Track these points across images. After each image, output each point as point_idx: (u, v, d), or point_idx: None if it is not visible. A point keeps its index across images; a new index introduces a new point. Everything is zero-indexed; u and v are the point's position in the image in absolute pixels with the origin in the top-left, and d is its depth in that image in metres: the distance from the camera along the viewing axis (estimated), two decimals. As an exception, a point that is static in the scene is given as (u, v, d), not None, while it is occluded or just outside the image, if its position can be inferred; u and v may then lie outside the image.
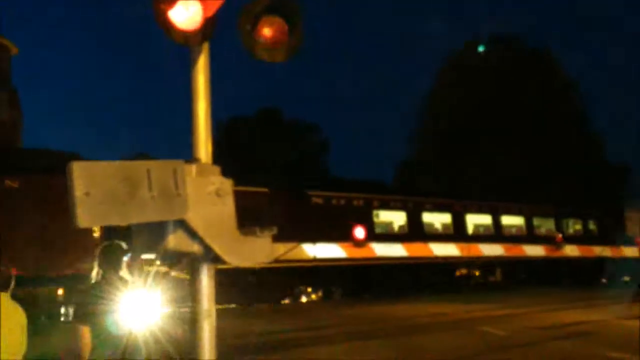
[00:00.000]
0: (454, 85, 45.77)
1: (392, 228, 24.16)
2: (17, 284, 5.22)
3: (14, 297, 4.95)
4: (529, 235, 27.81)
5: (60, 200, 3.17)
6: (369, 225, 22.39)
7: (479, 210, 26.94)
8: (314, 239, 20.64)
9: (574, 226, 30.80)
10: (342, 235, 21.36)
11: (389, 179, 51.29)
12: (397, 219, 24.32)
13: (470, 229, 26.30)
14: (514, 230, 27.88)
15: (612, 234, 30.18)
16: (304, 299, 22.01)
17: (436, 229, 25.45)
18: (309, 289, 22.38)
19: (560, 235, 28.03)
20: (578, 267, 28.33)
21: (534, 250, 27.17)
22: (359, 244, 21.61)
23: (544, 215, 29.23)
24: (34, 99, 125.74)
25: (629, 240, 29.45)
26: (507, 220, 27.75)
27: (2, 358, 4.63)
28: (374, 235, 22.33)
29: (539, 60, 45.80)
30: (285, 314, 17.91)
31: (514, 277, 27.24)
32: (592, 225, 30.91)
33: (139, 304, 4.90)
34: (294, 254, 19.68)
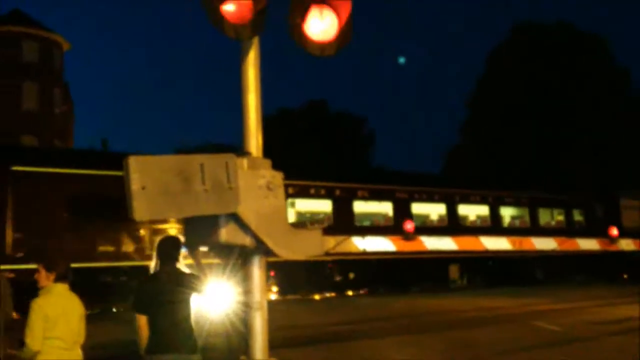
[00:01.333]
0: (507, 71, 45.04)
1: (430, 221, 23.88)
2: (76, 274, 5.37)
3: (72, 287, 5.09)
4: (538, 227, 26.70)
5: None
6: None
7: (515, 202, 26.31)
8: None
9: (554, 217, 28.07)
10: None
11: (436, 169, 51.09)
12: (434, 211, 24.03)
13: (506, 222, 25.89)
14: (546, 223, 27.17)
15: (604, 226, 27.71)
16: (350, 292, 21.99)
17: (473, 221, 25.07)
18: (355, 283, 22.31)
19: (615, 229, 27.08)
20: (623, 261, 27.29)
21: (588, 244, 26.51)
22: (408, 236, 21.48)
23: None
24: (85, 92, 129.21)
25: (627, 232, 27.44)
26: (543, 212, 27.03)
27: (61, 347, 4.78)
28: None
29: (592, 46, 44.68)
30: (332, 307, 17.94)
31: (562, 271, 26.53)
32: (578, 216, 28.17)
33: (213, 294, 5.03)
34: (343, 247, 19.70)
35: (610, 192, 29.46)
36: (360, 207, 21.67)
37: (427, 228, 22.75)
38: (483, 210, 25.11)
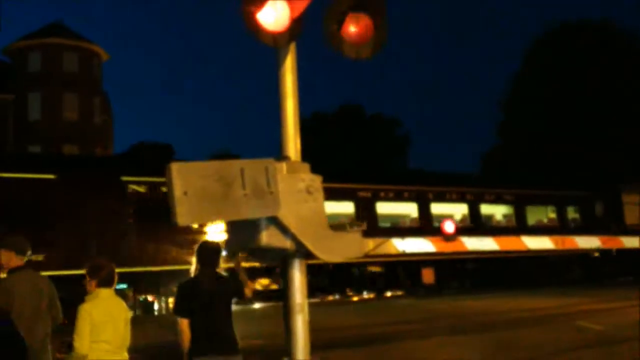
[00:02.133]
0: (543, 70, 44.39)
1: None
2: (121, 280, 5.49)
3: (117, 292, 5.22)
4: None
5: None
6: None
7: (542, 201, 25.50)
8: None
9: (547, 214, 26.16)
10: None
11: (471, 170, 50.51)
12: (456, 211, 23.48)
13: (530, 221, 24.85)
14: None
15: (605, 223, 25.78)
16: (388, 294, 21.89)
17: (497, 221, 24.36)
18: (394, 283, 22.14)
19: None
20: None
21: (631, 242, 25.78)
22: (448, 237, 21.28)
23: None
24: (123, 102, 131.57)
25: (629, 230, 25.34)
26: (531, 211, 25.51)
27: (108, 350, 4.90)
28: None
29: (631, 44, 43.77)
30: (372, 308, 17.92)
31: (600, 270, 25.79)
32: (573, 213, 26.39)
33: (252, 297, 5.12)
34: (382, 249, 19.60)
35: (612, 187, 27.19)
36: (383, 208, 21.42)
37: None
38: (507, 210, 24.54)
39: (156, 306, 17.84)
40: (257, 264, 12.85)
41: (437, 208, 22.81)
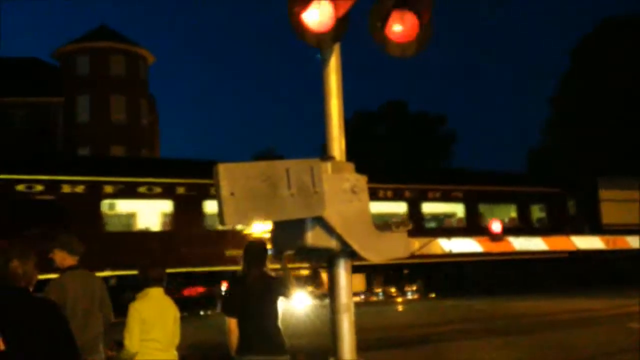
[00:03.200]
0: (590, 67, 43.43)
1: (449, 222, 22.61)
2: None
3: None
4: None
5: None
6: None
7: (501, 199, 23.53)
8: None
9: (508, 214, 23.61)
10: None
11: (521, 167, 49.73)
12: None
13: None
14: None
15: (578, 223, 23.23)
16: (432, 295, 21.67)
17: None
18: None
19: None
20: None
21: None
22: (495, 237, 20.98)
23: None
24: (169, 104, 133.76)
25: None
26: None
27: (157, 348, 4.98)
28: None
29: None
30: (416, 309, 17.80)
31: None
32: (538, 212, 23.91)
33: (300, 297, 5.18)
34: (428, 249, 19.45)
35: (588, 182, 24.45)
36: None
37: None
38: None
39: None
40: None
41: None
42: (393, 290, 21.04)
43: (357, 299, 19.31)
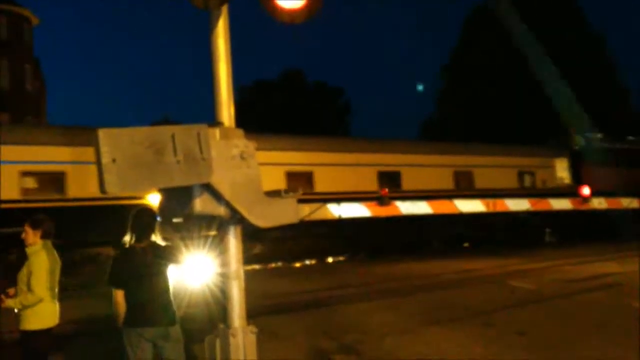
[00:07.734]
0: (479, 39, 45.09)
1: None
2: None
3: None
4: None
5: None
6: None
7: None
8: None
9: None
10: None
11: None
12: None
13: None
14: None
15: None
16: (330, 259, 22.07)
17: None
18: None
19: (586, 188, 25.42)
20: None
21: (561, 204, 26.34)
22: (382, 201, 21.37)
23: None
24: (56, 68, 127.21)
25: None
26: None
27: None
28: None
29: (566, 11, 44.85)
30: (312, 274, 18.08)
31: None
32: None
33: (193, 266, 5.12)
34: (318, 214, 19.62)
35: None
36: None
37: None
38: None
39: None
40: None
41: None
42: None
43: (255, 266, 19.35)
